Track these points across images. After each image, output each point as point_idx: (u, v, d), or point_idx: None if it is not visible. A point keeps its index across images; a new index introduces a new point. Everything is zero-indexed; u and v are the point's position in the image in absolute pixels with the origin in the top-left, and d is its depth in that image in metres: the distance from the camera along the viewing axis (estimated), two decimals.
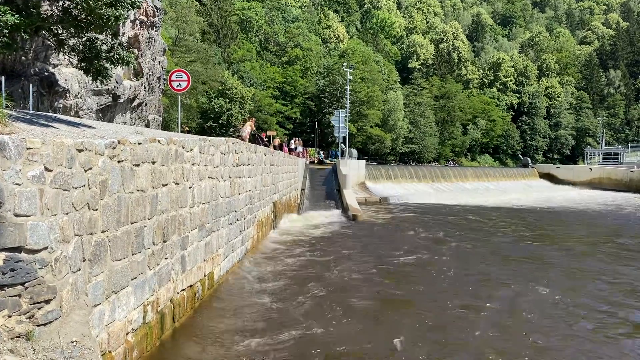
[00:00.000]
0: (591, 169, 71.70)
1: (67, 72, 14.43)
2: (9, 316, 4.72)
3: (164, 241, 8.86)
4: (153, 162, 8.25)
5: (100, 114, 16.98)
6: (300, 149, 46.90)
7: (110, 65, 9.79)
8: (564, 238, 23.77)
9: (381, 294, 12.78)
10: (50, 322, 5.08)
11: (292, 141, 47.66)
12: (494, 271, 15.83)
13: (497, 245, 20.83)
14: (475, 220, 30.14)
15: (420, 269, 16.03)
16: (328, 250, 18.71)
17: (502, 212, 35.63)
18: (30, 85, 12.58)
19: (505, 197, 49.01)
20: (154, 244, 8.37)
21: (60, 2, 8.83)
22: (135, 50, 17.91)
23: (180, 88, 18.77)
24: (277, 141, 41.15)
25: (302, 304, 11.63)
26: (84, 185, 6.04)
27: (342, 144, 46.29)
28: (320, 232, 23.12)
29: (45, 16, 8.75)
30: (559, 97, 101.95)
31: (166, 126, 35.03)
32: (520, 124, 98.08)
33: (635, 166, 69.20)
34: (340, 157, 44.80)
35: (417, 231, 24.25)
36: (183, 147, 9.85)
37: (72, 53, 9.57)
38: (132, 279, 7.56)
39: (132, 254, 7.55)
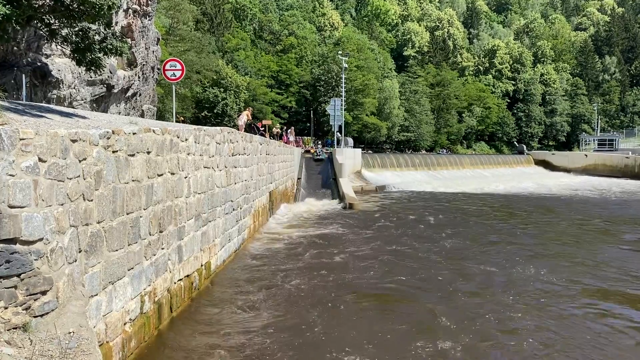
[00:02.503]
0: (586, 155, 71.90)
1: (60, 62, 14.31)
2: (5, 307, 4.71)
3: (160, 231, 8.85)
4: (148, 152, 8.22)
5: (95, 105, 16.87)
6: (292, 138, 46.81)
7: (103, 55, 9.70)
8: (559, 224, 23.85)
9: (379, 280, 12.82)
10: (47, 313, 5.08)
11: (289, 131, 47.56)
12: (491, 257, 15.88)
13: (492, 231, 20.88)
14: (471, 207, 30.22)
15: (419, 255, 16.06)
16: (325, 238, 18.74)
17: (497, 199, 35.73)
18: (23, 76, 12.47)
19: (501, 184, 49.13)
20: (150, 234, 8.36)
21: None
22: (129, 40, 17.73)
23: (174, 77, 18.66)
24: (275, 130, 41.11)
25: (298, 293, 11.66)
26: (79, 176, 6.01)
27: (338, 133, 46.21)
28: (316, 221, 23.14)
29: (36, 6, 8.65)
30: (554, 83, 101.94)
31: (161, 116, 34.86)
32: (515, 111, 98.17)
33: (630, 152, 69.39)
34: (336, 146, 44.74)
35: (414, 219, 24.30)
36: (178, 137, 9.81)
37: (65, 43, 9.47)
38: (128, 270, 7.55)
39: (129, 245, 7.54)
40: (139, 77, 19.67)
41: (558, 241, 19.04)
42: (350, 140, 51.10)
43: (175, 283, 9.70)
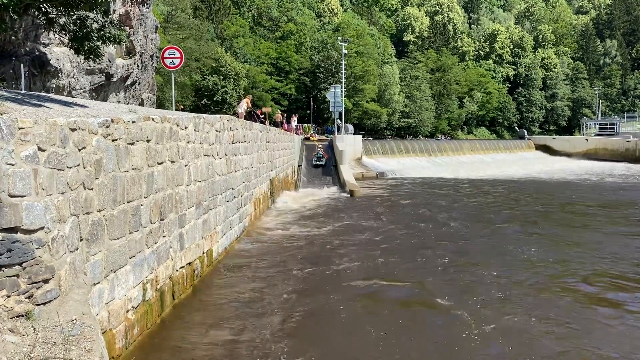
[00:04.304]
0: (587, 139, 71.74)
1: (58, 51, 14.26)
2: (8, 296, 4.74)
3: (162, 219, 8.87)
4: (148, 141, 8.21)
5: (94, 94, 16.84)
6: (294, 124, 46.58)
7: (101, 43, 9.66)
8: (558, 208, 23.88)
9: (382, 269, 12.87)
10: (50, 301, 5.11)
11: (292, 117, 47.37)
12: (492, 243, 15.93)
13: (492, 217, 20.92)
14: (471, 193, 30.24)
15: (421, 242, 16.10)
16: (326, 226, 18.78)
17: (498, 185, 35.72)
18: (22, 65, 12.43)
19: (501, 169, 49.13)
20: (151, 223, 8.38)
21: None
22: (127, 28, 17.65)
23: (173, 65, 18.55)
24: (278, 117, 40.98)
25: (301, 280, 11.71)
26: (79, 165, 6.02)
27: (338, 120, 46.08)
28: (317, 208, 23.18)
29: None
30: (555, 68, 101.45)
31: (160, 105, 34.80)
32: (516, 96, 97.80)
33: (632, 136, 69.23)
34: (336, 133, 44.64)
35: (414, 205, 24.33)
36: (177, 125, 9.79)
37: (63, 32, 9.42)
38: (130, 258, 7.59)
39: (130, 233, 7.56)
40: (137, 66, 19.62)
41: (557, 224, 19.09)
42: (351, 127, 50.95)
43: (177, 271, 9.74)
